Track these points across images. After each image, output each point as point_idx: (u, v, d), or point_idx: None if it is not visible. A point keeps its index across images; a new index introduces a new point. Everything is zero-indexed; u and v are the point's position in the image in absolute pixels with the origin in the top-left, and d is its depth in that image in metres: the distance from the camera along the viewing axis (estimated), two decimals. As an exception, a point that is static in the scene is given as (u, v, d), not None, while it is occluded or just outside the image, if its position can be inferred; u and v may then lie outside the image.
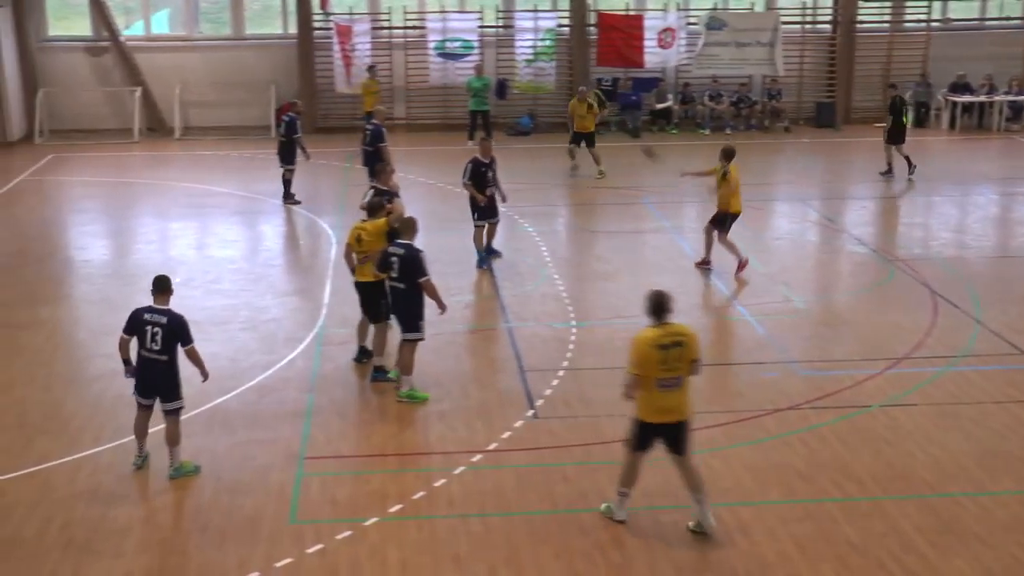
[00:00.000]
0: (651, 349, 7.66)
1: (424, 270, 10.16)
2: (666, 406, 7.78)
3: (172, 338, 8.70)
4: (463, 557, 7.78)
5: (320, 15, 24.96)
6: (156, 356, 8.71)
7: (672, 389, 7.74)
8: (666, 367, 7.67)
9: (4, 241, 16.43)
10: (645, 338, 7.72)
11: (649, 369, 7.66)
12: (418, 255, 10.18)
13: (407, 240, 10.30)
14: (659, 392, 7.72)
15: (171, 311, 8.78)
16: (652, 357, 7.65)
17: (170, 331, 8.68)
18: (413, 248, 10.24)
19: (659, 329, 7.76)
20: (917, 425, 9.84)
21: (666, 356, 7.66)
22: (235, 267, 14.96)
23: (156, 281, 8.95)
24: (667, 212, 17.81)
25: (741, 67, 25.40)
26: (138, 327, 8.74)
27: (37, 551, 7.87)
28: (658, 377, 7.68)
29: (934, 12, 26.37)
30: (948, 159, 22.75)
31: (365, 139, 17.46)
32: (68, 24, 26.09)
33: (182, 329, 8.73)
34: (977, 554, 7.80)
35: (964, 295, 13.45)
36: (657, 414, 7.80)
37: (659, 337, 7.70)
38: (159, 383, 8.80)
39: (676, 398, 7.79)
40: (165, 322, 8.69)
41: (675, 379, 7.73)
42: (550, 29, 25.10)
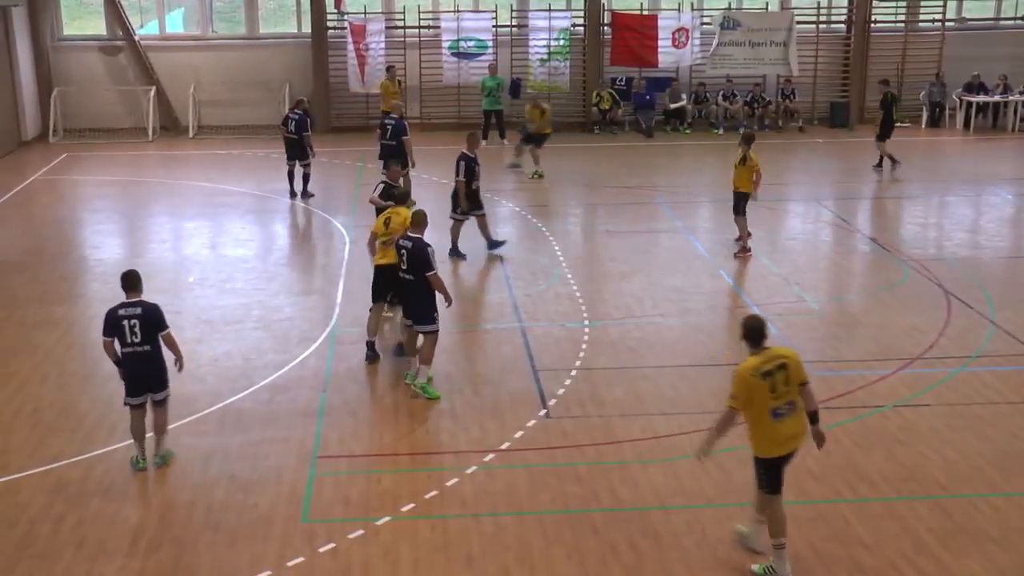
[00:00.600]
0: (755, 379, 7.13)
1: (431, 264, 10.22)
2: (786, 434, 7.27)
3: (150, 327, 8.79)
4: (475, 557, 7.78)
5: (334, 14, 25.02)
6: (139, 348, 8.80)
7: (787, 416, 7.24)
8: (775, 395, 7.16)
9: (18, 240, 16.52)
10: (747, 368, 7.18)
11: (759, 400, 7.16)
12: (425, 249, 10.25)
13: (416, 234, 10.37)
14: (775, 422, 7.20)
15: (144, 301, 8.90)
16: (758, 387, 7.13)
17: (147, 320, 8.78)
18: (422, 242, 10.32)
19: (759, 356, 7.24)
20: (930, 426, 9.79)
21: (773, 383, 7.15)
22: (248, 266, 15.00)
23: (125, 276, 9.02)
24: (681, 212, 17.78)
25: (755, 67, 25.34)
26: (116, 325, 8.79)
27: (51, 549, 7.91)
28: (770, 407, 7.17)
29: (949, 12, 26.24)
30: (963, 159, 22.65)
31: (385, 134, 17.48)
32: (83, 24, 26.24)
33: (158, 316, 8.85)
34: (991, 555, 7.76)
35: (978, 296, 13.38)
36: (778, 446, 7.30)
37: (760, 364, 7.18)
38: (149, 374, 8.89)
39: (793, 424, 7.28)
40: (140, 312, 8.79)
41: (787, 404, 7.23)
42: (564, 29, 25.09)
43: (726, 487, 8.75)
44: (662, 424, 9.87)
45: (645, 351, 11.69)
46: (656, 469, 9.02)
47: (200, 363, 11.38)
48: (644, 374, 11.06)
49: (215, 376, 11.06)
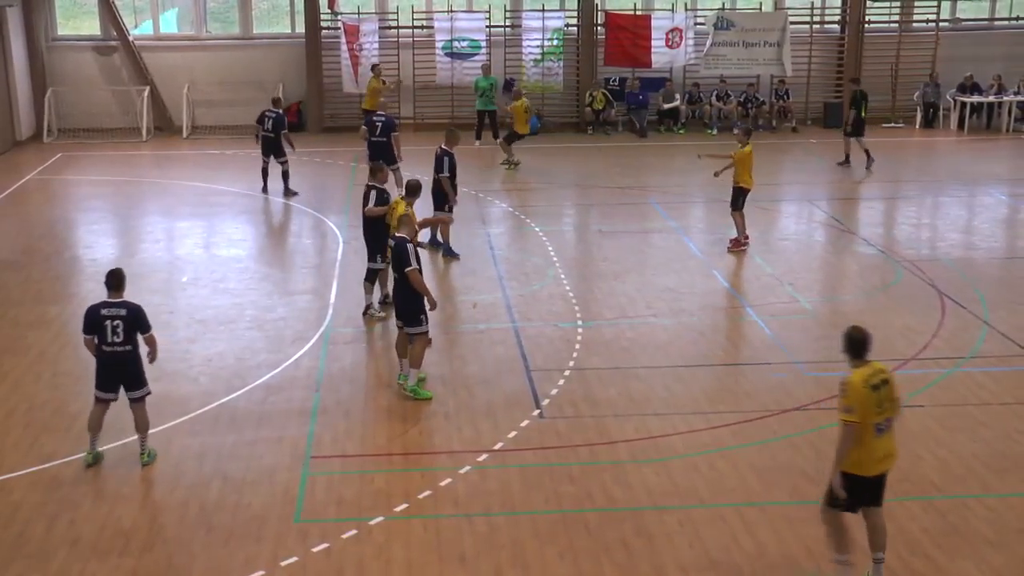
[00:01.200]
0: (867, 391, 6.87)
1: (407, 260, 10.15)
2: (886, 451, 7.01)
3: (133, 328, 8.82)
4: (468, 557, 7.78)
5: (328, 15, 25.00)
6: (119, 348, 8.83)
7: (886, 433, 6.99)
8: (880, 409, 6.92)
9: (12, 239, 16.48)
10: (858, 379, 6.89)
11: (867, 414, 6.87)
12: (404, 246, 10.22)
13: (402, 234, 10.38)
14: (878, 438, 6.92)
15: (128, 302, 8.92)
16: (869, 400, 6.86)
17: (132, 321, 8.81)
18: (404, 240, 10.30)
19: (866, 368, 7.00)
20: (924, 427, 9.81)
21: (879, 397, 6.91)
22: (242, 266, 14.98)
23: (110, 275, 9.02)
24: (674, 212, 17.79)
25: (749, 67, 25.38)
26: (97, 324, 8.81)
27: (44, 548, 7.89)
28: (875, 422, 6.91)
29: (943, 12, 26.30)
30: (956, 160, 22.69)
31: (375, 131, 17.54)
32: (77, 23, 26.18)
33: (143, 317, 8.87)
34: (985, 556, 7.77)
35: (972, 296, 13.40)
36: (878, 463, 6.99)
37: (869, 377, 6.94)
38: (126, 373, 8.92)
39: (890, 442, 7.04)
40: (125, 314, 8.80)
41: (888, 421, 7.01)
42: (558, 29, 25.10)
43: (719, 487, 8.76)
44: (655, 424, 9.88)
45: (638, 351, 11.70)
46: (649, 469, 9.03)
47: (193, 363, 11.37)
48: (637, 374, 11.07)
49: (208, 376, 11.05)
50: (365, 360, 11.49)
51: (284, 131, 18.69)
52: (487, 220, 17.42)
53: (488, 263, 14.98)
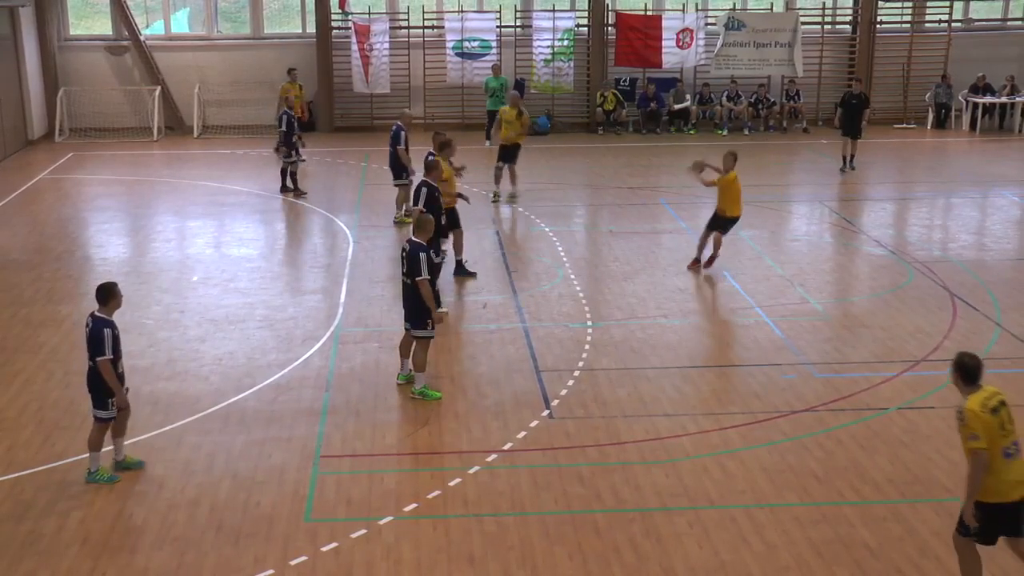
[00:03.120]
0: (988, 415, 6.71)
1: (419, 269, 10.08)
2: (1019, 475, 6.79)
3: (90, 345, 8.57)
4: (477, 557, 7.78)
5: (339, 15, 25.04)
6: (89, 361, 8.66)
7: (1016, 456, 6.79)
8: (1004, 432, 6.75)
9: (23, 238, 16.55)
10: (976, 405, 6.72)
11: (993, 439, 6.71)
12: (418, 255, 10.11)
13: (419, 239, 10.32)
14: (1008, 463, 6.74)
15: (99, 319, 8.58)
16: (992, 424, 6.70)
17: (90, 338, 8.59)
18: (419, 246, 10.21)
19: (981, 392, 6.81)
20: (935, 428, 9.77)
21: (1001, 419, 6.75)
22: (252, 266, 15.01)
23: (96, 289, 8.81)
24: (684, 213, 17.76)
25: (760, 68, 25.34)
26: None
27: (55, 547, 7.92)
28: (1002, 446, 6.74)
29: (955, 13, 26.20)
30: (968, 161, 22.61)
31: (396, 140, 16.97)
32: (89, 24, 26.28)
33: (98, 339, 8.49)
34: (995, 558, 7.72)
35: (984, 298, 13.35)
36: (1013, 488, 6.76)
37: (986, 400, 6.77)
38: (90, 389, 8.75)
39: (1021, 468, 6.81)
40: (89, 328, 8.60)
41: (1015, 444, 6.78)
42: (568, 29, 25.09)
43: (729, 488, 8.74)
44: (665, 425, 9.87)
45: (648, 352, 11.68)
46: (659, 470, 9.02)
47: (204, 362, 11.40)
48: (647, 375, 11.05)
49: (219, 375, 11.07)
50: (375, 360, 11.50)
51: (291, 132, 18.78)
52: (497, 220, 17.42)
53: (498, 263, 14.97)
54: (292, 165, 18.94)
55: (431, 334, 10.41)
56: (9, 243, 16.26)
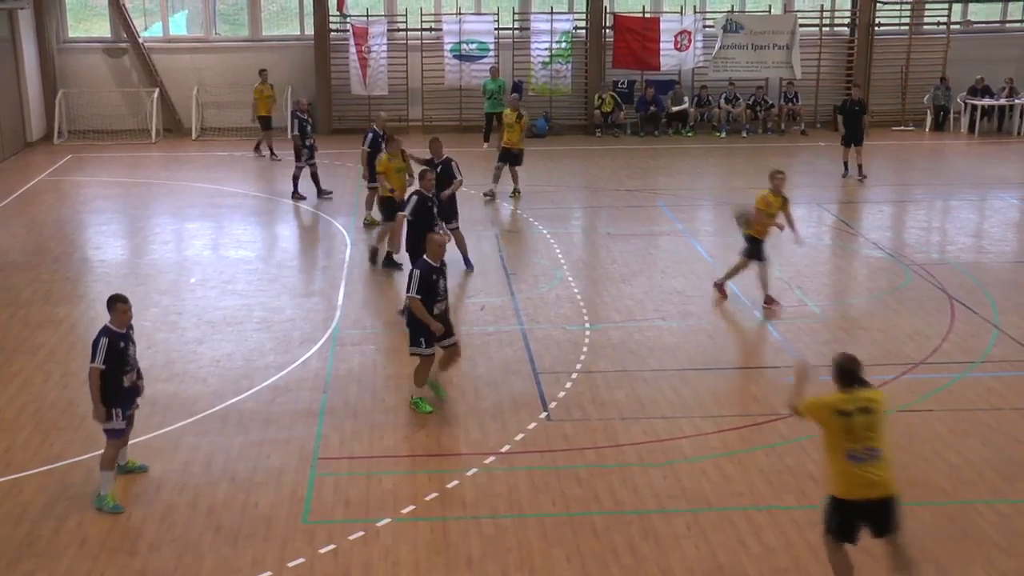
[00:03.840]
0: (831, 413, 6.86)
1: (409, 286, 9.79)
2: (867, 481, 6.85)
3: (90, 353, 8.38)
4: (475, 559, 7.77)
5: (337, 17, 25.05)
6: None
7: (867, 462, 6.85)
8: (849, 435, 6.81)
9: (22, 240, 16.54)
10: (831, 399, 6.92)
11: (833, 435, 6.87)
12: (412, 272, 9.91)
13: (427, 257, 9.96)
14: (850, 465, 6.85)
15: (103, 327, 8.42)
16: (834, 424, 6.84)
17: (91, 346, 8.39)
18: (417, 263, 10.09)
19: (847, 395, 6.91)
20: (933, 431, 9.77)
21: (850, 423, 6.80)
22: (250, 267, 15.01)
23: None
24: (682, 215, 17.77)
25: (758, 70, 25.34)
26: None
27: (53, 548, 7.91)
28: (846, 448, 6.83)
29: (954, 15, 26.23)
30: (967, 163, 22.63)
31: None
32: (88, 26, 26.29)
33: (93, 346, 8.31)
34: (995, 561, 7.74)
35: (982, 300, 13.35)
36: (859, 489, 6.88)
37: (845, 401, 6.87)
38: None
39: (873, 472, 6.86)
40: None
41: (868, 450, 6.83)
42: (566, 31, 25.11)
43: (727, 490, 8.74)
44: (663, 427, 9.86)
45: (646, 354, 11.68)
46: (657, 472, 9.01)
47: (202, 364, 11.40)
48: (645, 377, 11.05)
49: (217, 377, 11.07)
50: (373, 362, 11.50)
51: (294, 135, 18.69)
52: (495, 222, 17.42)
53: (496, 265, 14.97)
54: (312, 168, 18.77)
55: (423, 352, 10.03)
56: (7, 244, 16.25)
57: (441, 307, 10.03)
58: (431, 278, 9.85)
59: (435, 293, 9.91)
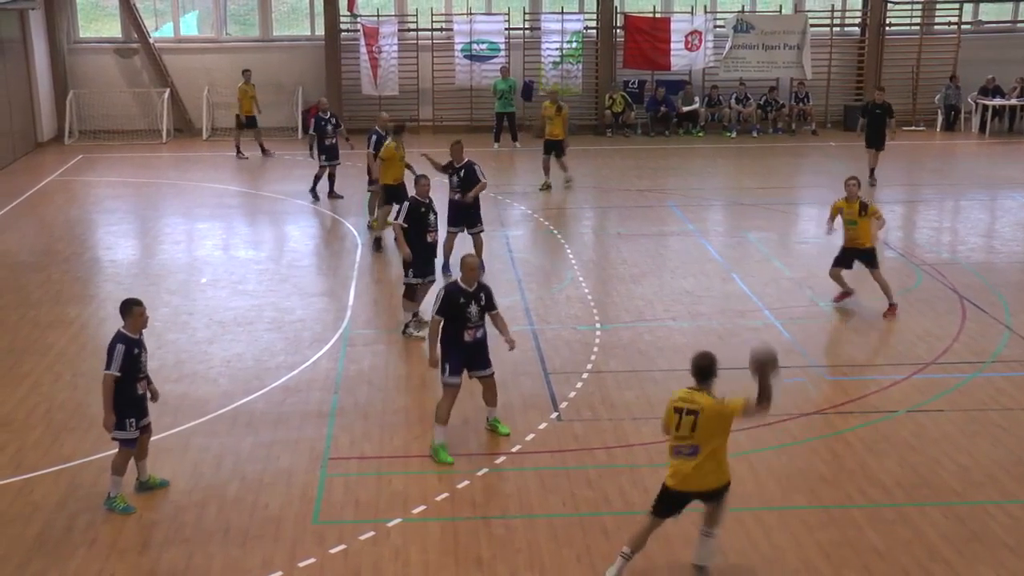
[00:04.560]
0: (670, 408, 7.28)
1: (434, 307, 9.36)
2: (683, 473, 7.30)
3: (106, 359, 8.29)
4: (485, 559, 7.77)
5: (347, 17, 25.08)
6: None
7: (680, 457, 7.28)
8: (675, 432, 7.25)
9: (32, 240, 16.60)
10: (676, 394, 7.32)
11: (667, 428, 7.32)
12: (438, 291, 9.44)
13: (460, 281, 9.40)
14: (673, 457, 7.33)
15: (117, 333, 8.33)
16: (668, 417, 7.29)
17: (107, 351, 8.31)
18: (447, 284, 9.58)
19: (688, 392, 7.29)
20: (944, 432, 9.74)
21: (676, 420, 7.22)
22: (261, 268, 15.04)
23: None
24: (692, 215, 17.74)
25: (768, 70, 25.29)
26: None
27: (64, 547, 7.94)
28: (671, 443, 7.30)
29: (965, 15, 26.12)
30: (978, 163, 22.54)
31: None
32: (98, 26, 26.38)
33: (108, 352, 8.26)
34: (1005, 562, 7.71)
35: (993, 300, 13.30)
36: (671, 478, 7.37)
37: (681, 397, 7.27)
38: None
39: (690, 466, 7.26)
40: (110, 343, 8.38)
41: (690, 447, 7.22)
42: (577, 31, 25.09)
43: (737, 491, 8.69)
44: (673, 428, 9.83)
45: (656, 354, 11.66)
46: (667, 473, 8.97)
47: (212, 364, 11.42)
48: (655, 377, 11.03)
49: (227, 377, 11.09)
50: (383, 362, 11.51)
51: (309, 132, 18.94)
52: (506, 223, 17.42)
53: (507, 266, 14.97)
54: (331, 168, 18.80)
55: (447, 380, 9.33)
56: (18, 245, 16.32)
57: (474, 335, 9.32)
58: (458, 301, 9.20)
59: (464, 319, 9.21)
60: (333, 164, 18.86)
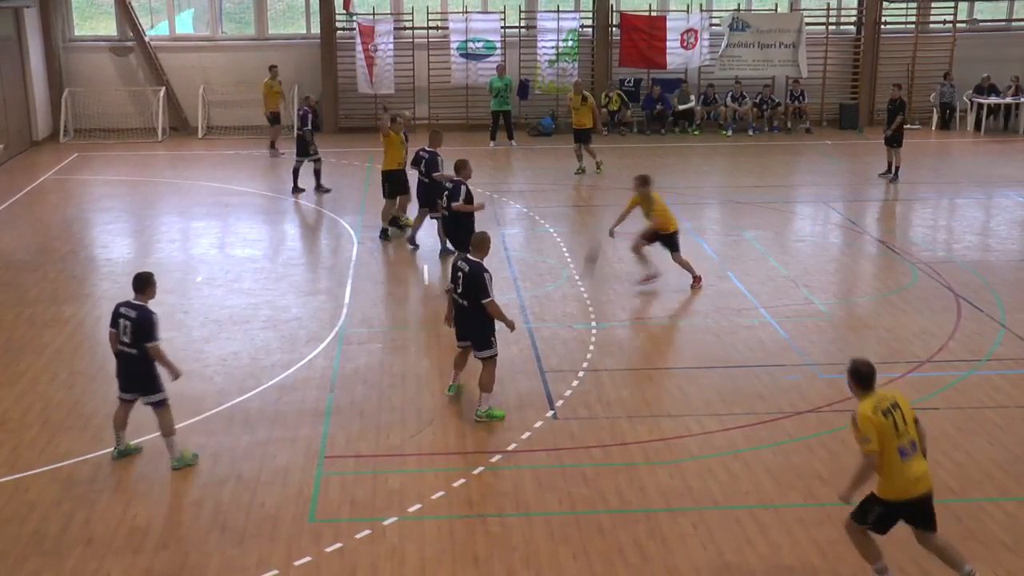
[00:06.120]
0: (880, 418, 6.96)
1: (486, 291, 9.66)
2: (916, 474, 7.02)
3: (138, 333, 8.85)
4: (482, 557, 7.77)
5: (343, 15, 25.06)
6: (127, 349, 8.93)
7: (914, 456, 7.03)
8: (898, 432, 6.98)
9: (28, 239, 16.57)
10: (869, 408, 6.98)
11: (886, 440, 6.95)
12: (482, 275, 9.67)
13: (477, 258, 9.87)
14: (905, 462, 6.99)
15: (142, 307, 8.96)
16: (885, 426, 6.95)
17: (137, 326, 8.86)
18: (480, 266, 9.77)
19: (874, 396, 7.07)
20: (940, 430, 9.74)
21: (893, 421, 6.98)
22: (257, 266, 15.02)
23: (134, 278, 9.15)
24: (688, 213, 17.74)
25: (764, 68, 25.32)
26: (115, 319, 8.99)
27: (60, 546, 7.93)
28: (897, 445, 6.96)
29: (960, 13, 26.16)
30: (973, 161, 22.57)
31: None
32: (94, 24, 26.34)
33: (147, 326, 8.87)
34: (1002, 560, 7.72)
35: (989, 298, 13.32)
36: (913, 486, 7.04)
37: (877, 403, 7.01)
38: (135, 376, 8.98)
39: (920, 465, 7.05)
40: (134, 316, 8.89)
41: (912, 444, 7.01)
42: (572, 30, 25.09)
43: (733, 489, 8.74)
44: (669, 426, 9.85)
45: (652, 353, 11.67)
46: (663, 471, 9.01)
47: (208, 363, 11.41)
48: (651, 376, 11.04)
49: (223, 376, 11.08)
50: (379, 361, 11.50)
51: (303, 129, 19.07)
52: (501, 221, 17.41)
53: (502, 264, 14.96)
54: (316, 163, 19.04)
55: (496, 351, 9.97)
56: (14, 243, 16.29)
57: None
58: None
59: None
60: (318, 159, 19.05)
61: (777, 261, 15.03)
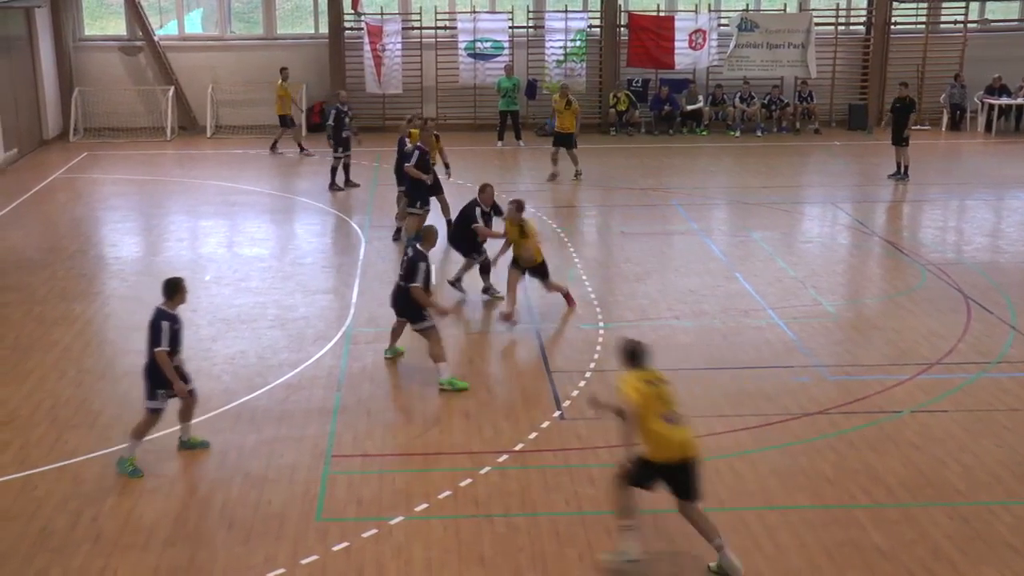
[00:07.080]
0: (642, 384, 7.53)
1: (415, 278, 10.54)
2: (680, 440, 7.47)
3: (150, 337, 8.86)
4: (488, 557, 7.77)
5: (351, 15, 25.08)
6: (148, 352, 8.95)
7: (678, 423, 7.51)
8: (661, 400, 7.51)
9: (37, 237, 16.62)
10: (632, 376, 7.59)
11: (649, 404, 7.44)
12: (419, 264, 10.58)
13: (423, 248, 10.79)
14: (668, 425, 7.45)
15: (159, 311, 8.95)
16: (647, 392, 7.48)
17: (150, 329, 8.88)
18: (420, 255, 10.66)
19: (644, 373, 7.66)
20: (948, 432, 9.72)
21: (657, 391, 7.53)
22: (264, 265, 15.05)
23: (163, 283, 9.18)
24: (696, 214, 17.73)
25: (773, 69, 25.27)
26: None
27: (67, 543, 7.95)
28: (660, 411, 7.45)
29: (971, 13, 26.06)
30: (983, 162, 22.49)
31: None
32: (103, 24, 26.41)
33: (156, 331, 8.84)
34: (1009, 563, 7.69)
35: (999, 300, 13.27)
36: (677, 449, 7.47)
37: (643, 376, 7.61)
38: (145, 378, 9.01)
39: (683, 433, 7.52)
40: (150, 320, 8.95)
41: (674, 413, 7.52)
42: (581, 30, 25.08)
43: (740, 491, 8.72)
44: (677, 426, 9.82)
45: (659, 353, 11.54)
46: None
47: (216, 361, 11.43)
48: (659, 376, 11.00)
49: (230, 374, 11.10)
50: (386, 360, 11.50)
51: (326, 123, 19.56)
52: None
53: (505, 261, 14.92)
54: (345, 159, 19.30)
55: (431, 323, 10.73)
56: (23, 242, 16.34)
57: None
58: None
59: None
60: (347, 155, 19.32)
61: (785, 262, 15.00)
